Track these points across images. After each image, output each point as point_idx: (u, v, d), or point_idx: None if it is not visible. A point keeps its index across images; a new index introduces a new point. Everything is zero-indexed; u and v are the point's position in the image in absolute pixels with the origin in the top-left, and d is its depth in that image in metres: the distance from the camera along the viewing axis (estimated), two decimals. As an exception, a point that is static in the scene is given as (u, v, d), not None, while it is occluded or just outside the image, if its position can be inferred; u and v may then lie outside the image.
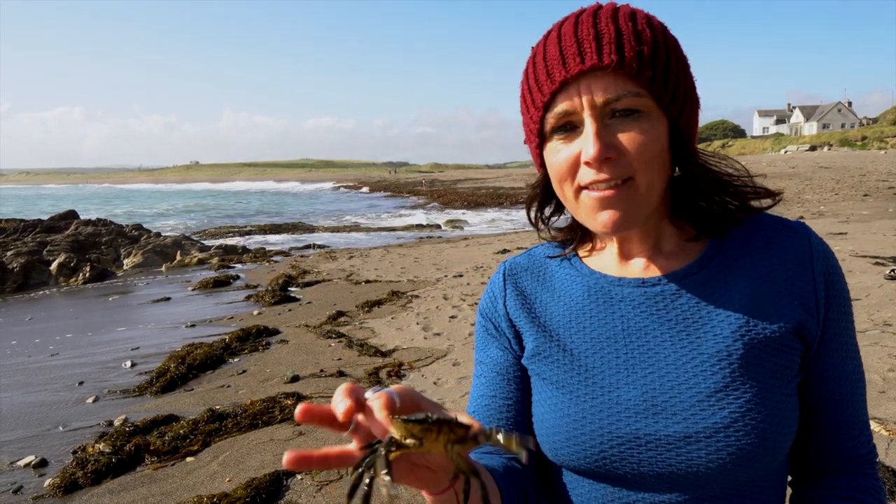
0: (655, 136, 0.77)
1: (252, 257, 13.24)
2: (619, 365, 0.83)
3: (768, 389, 0.78)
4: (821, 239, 0.85)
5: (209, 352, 5.55)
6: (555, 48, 0.77)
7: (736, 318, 0.81)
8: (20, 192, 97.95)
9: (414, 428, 0.56)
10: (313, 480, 3.24)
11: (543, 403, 0.87)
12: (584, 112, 0.76)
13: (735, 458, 0.76)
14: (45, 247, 13.34)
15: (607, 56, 0.73)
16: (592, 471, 0.82)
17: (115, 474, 3.46)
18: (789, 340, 0.80)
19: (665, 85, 0.76)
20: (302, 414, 0.56)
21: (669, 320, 0.83)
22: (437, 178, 71.86)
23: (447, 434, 0.58)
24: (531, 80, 0.81)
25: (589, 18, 0.77)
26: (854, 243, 9.22)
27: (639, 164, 0.76)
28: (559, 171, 0.80)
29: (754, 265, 0.83)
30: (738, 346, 0.79)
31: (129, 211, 39.22)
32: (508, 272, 0.97)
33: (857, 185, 20.83)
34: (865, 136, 64.20)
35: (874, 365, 4.20)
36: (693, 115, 0.82)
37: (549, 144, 0.81)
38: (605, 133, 0.76)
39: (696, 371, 0.80)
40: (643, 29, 0.76)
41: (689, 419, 0.78)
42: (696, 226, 0.87)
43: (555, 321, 0.90)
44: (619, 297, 0.87)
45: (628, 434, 0.80)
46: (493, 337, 0.95)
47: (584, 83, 0.75)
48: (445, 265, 10.25)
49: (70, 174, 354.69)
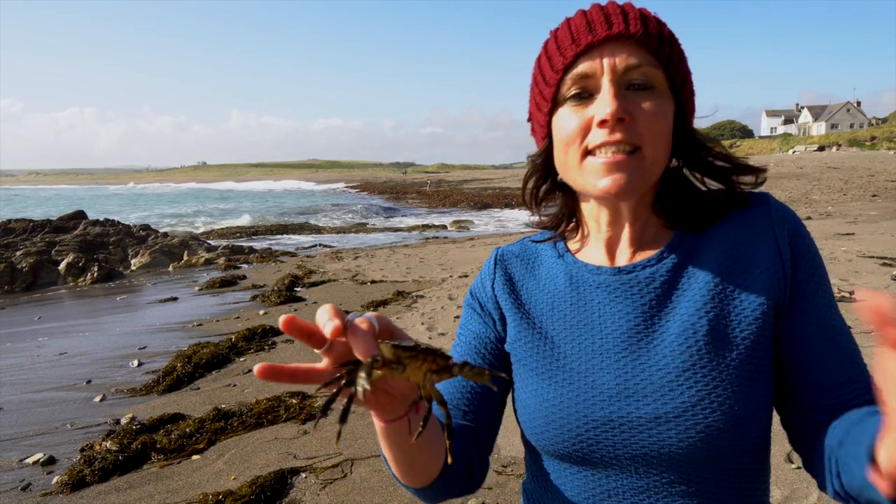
0: (665, 112, 0.81)
1: (258, 257, 13.30)
2: (594, 351, 0.86)
3: (735, 365, 0.78)
4: (781, 204, 0.86)
5: (215, 351, 5.59)
6: (581, 19, 0.82)
7: (701, 297, 0.82)
8: (43, 192, 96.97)
9: (402, 353, 0.60)
10: (317, 479, 3.26)
11: (525, 389, 0.90)
12: (603, 77, 0.80)
13: (704, 436, 0.77)
14: (54, 247, 13.44)
15: (634, 25, 0.79)
16: (571, 454, 0.84)
17: (122, 472, 3.49)
18: (757, 314, 0.80)
19: (678, 69, 0.82)
20: (286, 323, 0.58)
21: (643, 304, 0.85)
22: (443, 178, 71.88)
23: (430, 363, 0.61)
24: (551, 48, 0.85)
25: (611, 1, 0.83)
26: (862, 244, 9.17)
27: (649, 134, 0.79)
28: (568, 134, 0.83)
29: (721, 244, 0.85)
30: (703, 324, 0.80)
31: (178, 212, 34.35)
32: (500, 257, 1.01)
33: (866, 186, 20.70)
34: (875, 136, 63.74)
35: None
36: (692, 103, 0.87)
37: (561, 110, 0.84)
38: (622, 98, 0.79)
39: (666, 352, 0.81)
40: (657, 19, 0.82)
41: (658, 400, 0.79)
42: (672, 220, 0.89)
43: (538, 308, 0.93)
44: (595, 284, 0.89)
45: (602, 417, 0.82)
46: (477, 314, 0.99)
47: (608, 48, 0.80)
48: (451, 265, 10.27)
49: (79, 175, 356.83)
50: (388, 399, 0.69)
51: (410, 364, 0.61)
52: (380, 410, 0.70)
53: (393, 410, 0.70)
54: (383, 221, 25.09)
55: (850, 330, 0.84)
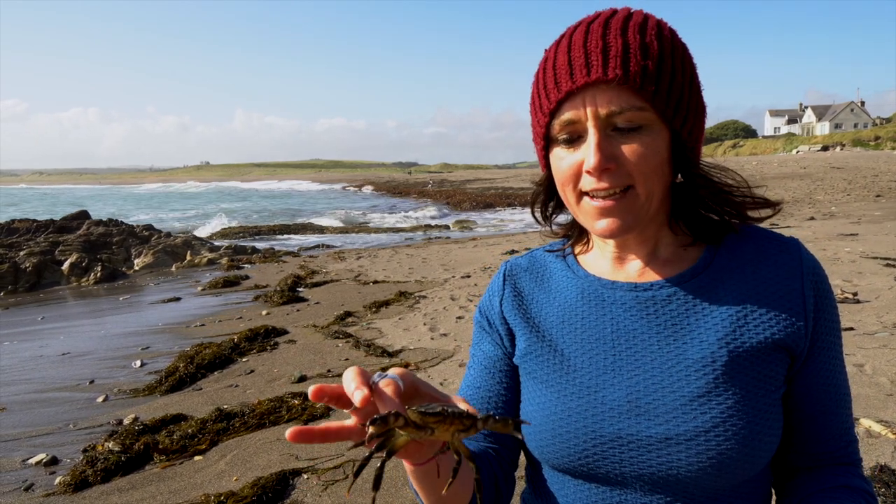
0: (656, 148, 0.79)
1: (261, 257, 13.32)
2: (605, 366, 0.85)
3: (751, 398, 0.79)
4: (812, 255, 0.87)
5: (218, 351, 5.59)
6: (564, 57, 0.80)
7: (723, 327, 0.82)
8: (28, 193, 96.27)
9: (430, 420, 0.62)
10: (319, 480, 3.26)
11: (532, 401, 0.90)
12: (587, 122, 0.78)
13: (715, 462, 0.77)
14: (58, 247, 13.47)
15: (612, 70, 0.76)
16: (576, 469, 0.84)
17: (124, 472, 3.50)
18: (775, 352, 0.82)
19: (668, 99, 0.78)
20: (315, 394, 0.61)
21: (658, 325, 0.85)
22: (445, 178, 71.84)
23: (458, 424, 0.63)
24: (540, 86, 0.83)
25: (599, 28, 0.78)
26: (865, 244, 9.14)
27: (638, 174, 0.79)
28: (563, 177, 0.83)
29: (745, 277, 0.85)
30: (723, 354, 0.81)
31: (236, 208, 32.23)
32: (509, 272, 1.01)
33: (870, 186, 20.63)
34: (879, 136, 63.52)
35: (882, 368, 4.17)
36: (697, 125, 0.83)
37: (555, 150, 0.84)
38: (607, 144, 0.78)
39: (681, 375, 0.81)
40: (651, 42, 0.77)
41: (670, 422, 0.79)
42: (693, 232, 0.89)
43: (548, 321, 0.92)
44: (611, 299, 0.89)
45: (611, 434, 0.82)
46: (486, 332, 0.99)
47: (589, 94, 0.78)
48: (453, 266, 10.27)
49: (82, 174, 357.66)
50: (416, 447, 0.70)
51: (438, 427, 0.63)
52: (409, 457, 0.72)
53: (421, 456, 0.72)
54: (386, 222, 25.10)
55: (849, 384, 0.89)
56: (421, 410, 0.62)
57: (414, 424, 0.62)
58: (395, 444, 0.64)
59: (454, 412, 0.63)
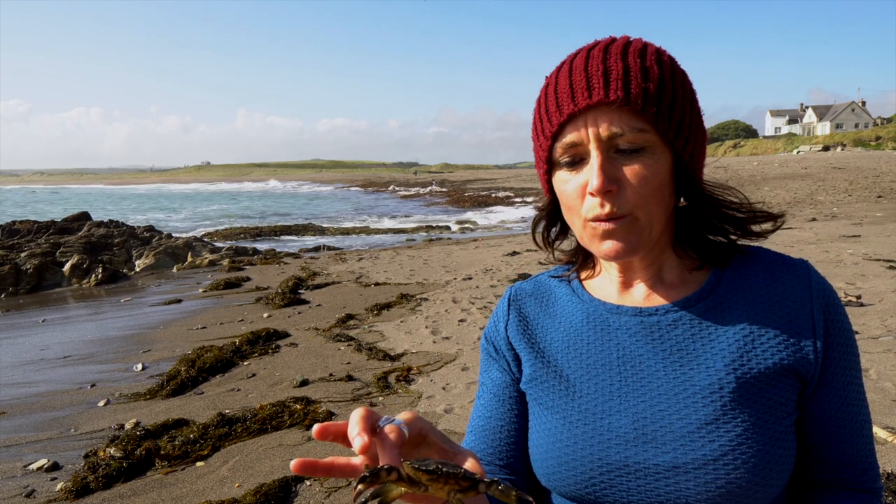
0: (658, 170, 0.79)
1: (262, 259, 13.30)
2: (612, 392, 0.85)
3: (761, 425, 0.78)
4: (822, 277, 0.86)
5: (219, 355, 5.58)
6: (566, 81, 0.80)
7: (730, 352, 0.81)
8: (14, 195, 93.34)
9: (423, 476, 0.60)
10: (322, 487, 3.25)
11: (538, 428, 0.89)
12: (590, 144, 0.79)
13: (724, 491, 0.76)
14: (59, 248, 13.47)
15: (613, 92, 0.76)
16: (583, 497, 0.83)
17: (126, 479, 3.48)
18: (785, 377, 0.80)
19: (670, 121, 0.78)
20: (319, 432, 0.62)
21: (664, 350, 0.84)
22: (446, 178, 71.84)
23: (452, 485, 0.61)
24: (542, 111, 0.84)
25: (600, 53, 0.79)
26: (867, 246, 9.12)
27: (639, 198, 0.79)
28: (569, 200, 0.83)
29: (752, 301, 0.84)
30: (731, 380, 0.80)
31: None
32: (513, 298, 1.00)
33: (871, 187, 20.60)
34: (880, 136, 63.50)
35: (887, 373, 4.15)
36: (698, 148, 0.84)
37: (558, 173, 0.84)
38: (609, 166, 0.79)
39: (688, 402, 0.80)
40: (651, 66, 0.78)
41: (678, 449, 0.78)
42: (699, 255, 0.89)
43: (553, 347, 0.92)
44: (616, 325, 0.88)
45: (618, 461, 0.81)
46: (493, 359, 0.99)
47: (591, 116, 0.78)
48: (454, 267, 10.25)
49: (84, 175, 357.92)
50: (413, 498, 0.69)
51: (432, 486, 0.61)
52: (413, 502, 0.71)
53: (425, 501, 0.71)
54: (387, 223, 25.09)
55: (868, 408, 0.87)
56: (415, 466, 0.60)
57: (408, 479, 0.60)
58: (389, 495, 0.61)
59: (448, 471, 0.60)
